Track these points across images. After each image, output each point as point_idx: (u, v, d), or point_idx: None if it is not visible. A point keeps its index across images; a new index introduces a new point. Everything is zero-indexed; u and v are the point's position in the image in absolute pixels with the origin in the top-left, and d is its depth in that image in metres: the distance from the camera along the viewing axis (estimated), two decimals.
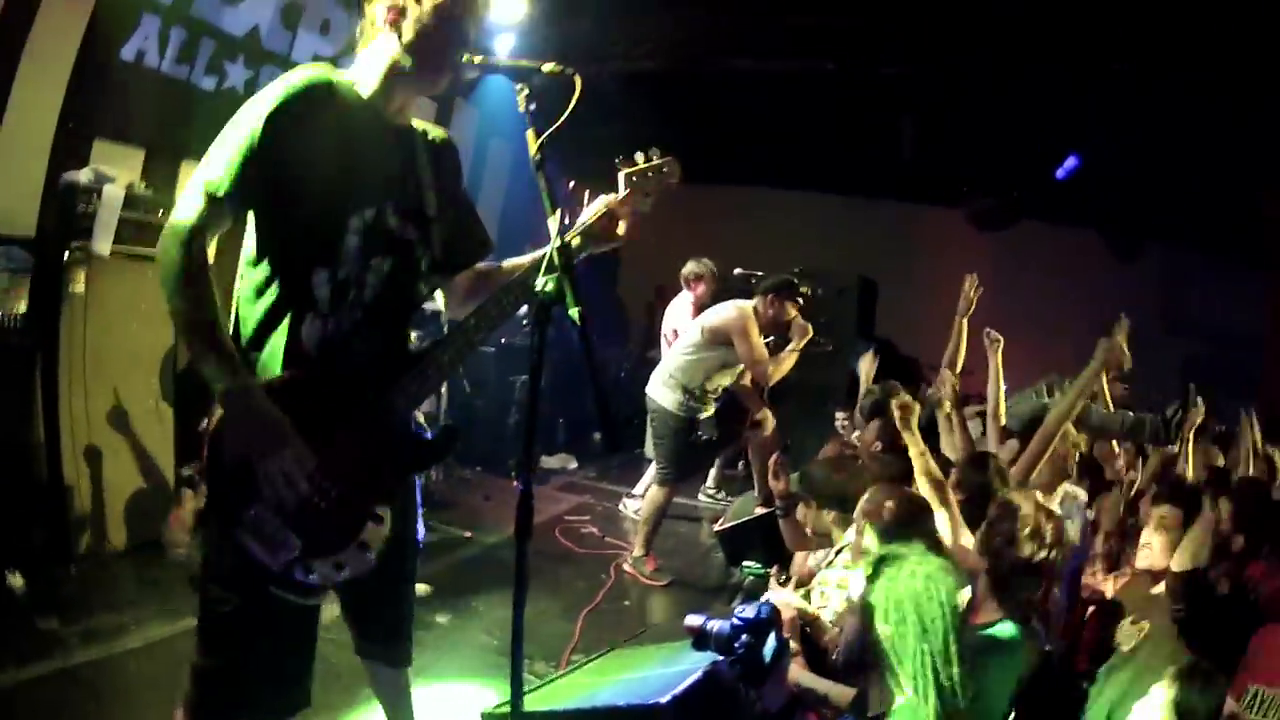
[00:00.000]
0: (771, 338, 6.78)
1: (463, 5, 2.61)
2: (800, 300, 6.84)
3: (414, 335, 2.90)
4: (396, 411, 2.56)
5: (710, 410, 6.91)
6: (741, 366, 6.82)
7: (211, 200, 2.36)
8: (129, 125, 6.40)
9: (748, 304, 6.74)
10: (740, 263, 9.71)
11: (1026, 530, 3.34)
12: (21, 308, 5.12)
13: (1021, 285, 12.06)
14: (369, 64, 2.63)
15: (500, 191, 11.22)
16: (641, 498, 7.98)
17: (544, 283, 2.19)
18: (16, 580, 4.74)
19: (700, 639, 2.90)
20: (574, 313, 2.20)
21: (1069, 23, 8.38)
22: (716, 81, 10.28)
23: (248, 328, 2.51)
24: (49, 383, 5.24)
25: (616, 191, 2.70)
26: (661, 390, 6.73)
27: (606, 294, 12.71)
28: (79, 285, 5.27)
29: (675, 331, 8.33)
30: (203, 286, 2.34)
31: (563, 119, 2.40)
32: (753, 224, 11.85)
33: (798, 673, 3.81)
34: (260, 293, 2.49)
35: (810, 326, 6.78)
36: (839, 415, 8.61)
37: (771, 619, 2.81)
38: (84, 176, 5.47)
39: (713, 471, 9.09)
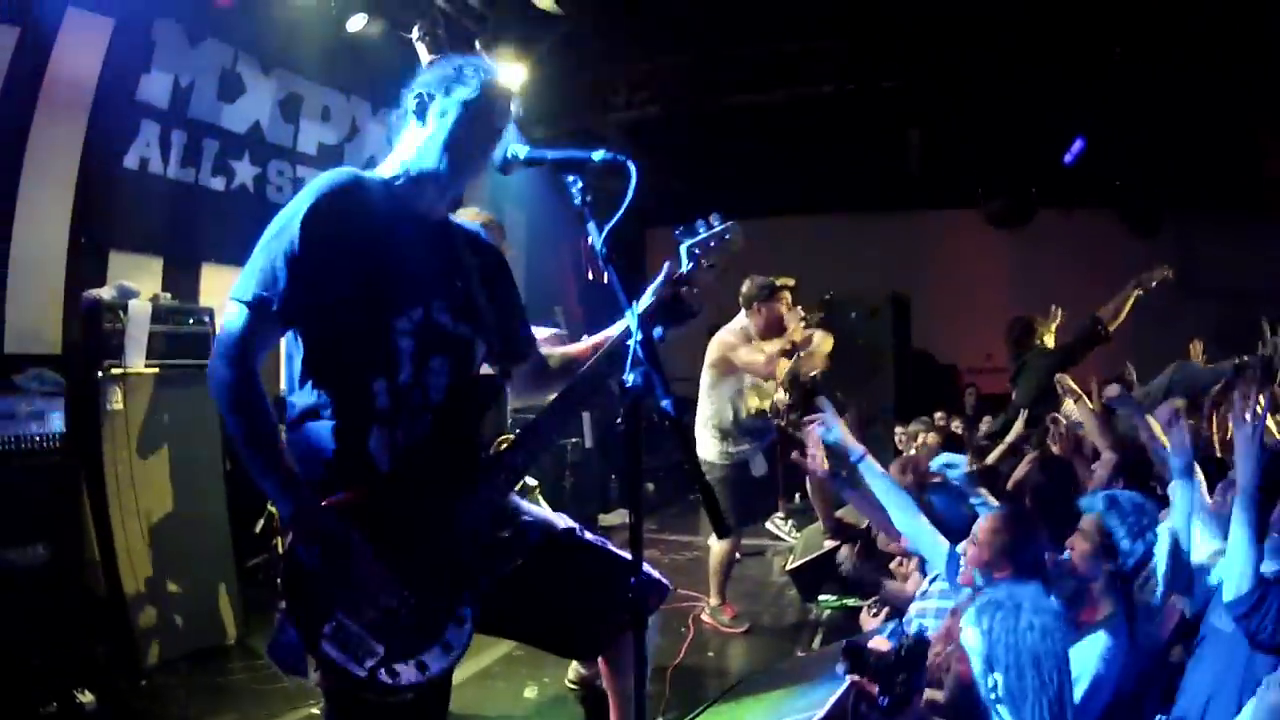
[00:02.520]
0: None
1: (490, 100, 2.53)
2: (785, 292, 6.53)
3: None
4: (471, 518, 2.47)
5: (753, 447, 6.62)
6: (767, 381, 6.51)
7: (255, 313, 2.28)
8: (143, 234, 6.38)
9: (731, 326, 6.58)
10: None
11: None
12: (57, 427, 5.02)
13: (1043, 273, 12.03)
14: (398, 158, 2.55)
15: (520, 255, 11.10)
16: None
17: (631, 377, 2.13)
18: (86, 697, 4.60)
19: (857, 665, 2.81)
20: (665, 404, 2.13)
21: (1061, 13, 8.39)
22: (721, 118, 10.26)
23: (309, 443, 2.41)
24: (97, 500, 5.14)
25: (676, 262, 2.58)
26: (700, 446, 6.46)
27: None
28: (117, 403, 5.16)
29: None
30: (257, 405, 2.27)
31: (623, 208, 2.28)
32: (776, 255, 11.75)
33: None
34: (318, 407, 2.40)
35: (799, 314, 6.50)
36: (898, 430, 8.53)
37: (922, 652, 2.73)
38: (107, 293, 5.39)
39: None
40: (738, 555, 6.86)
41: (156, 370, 5.38)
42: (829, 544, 7.05)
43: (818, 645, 5.94)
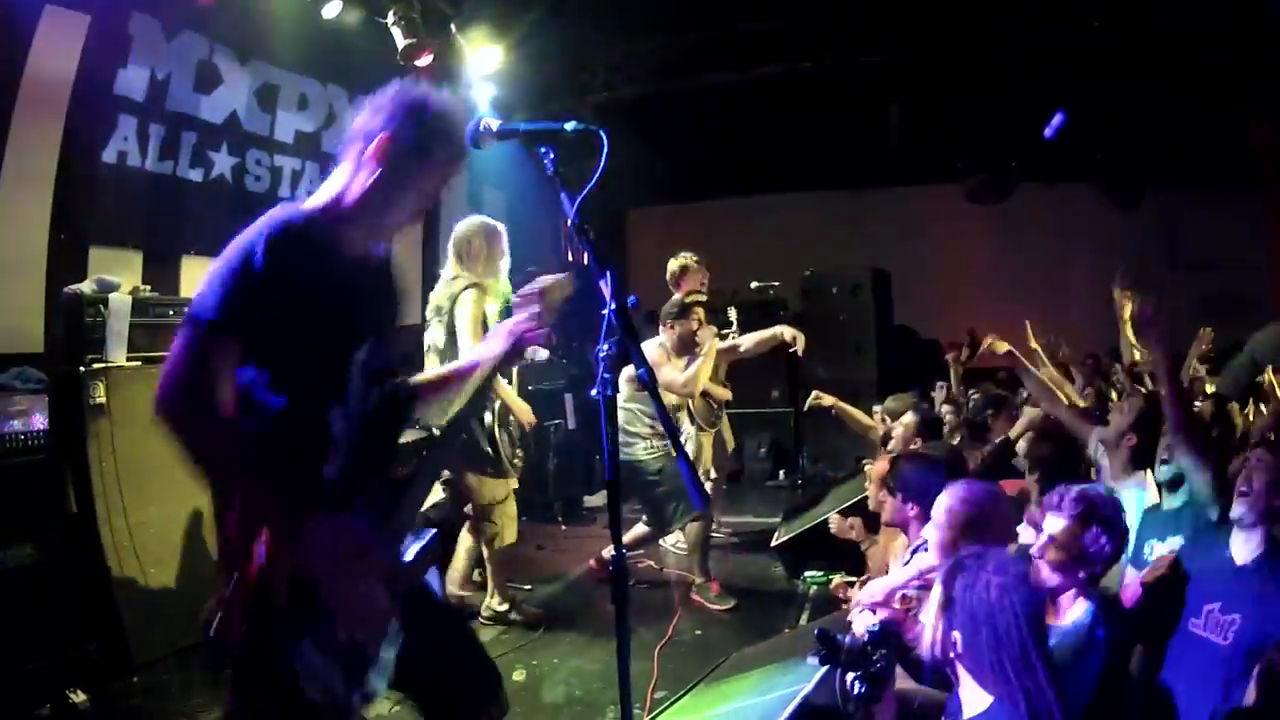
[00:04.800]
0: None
1: (438, 138, 2.49)
2: (697, 310, 6.67)
3: None
4: (395, 535, 2.54)
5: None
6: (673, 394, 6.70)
7: (208, 330, 2.21)
8: (122, 228, 6.35)
9: (649, 343, 6.56)
10: (753, 274, 9.65)
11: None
12: (41, 424, 5.02)
13: (1027, 249, 12.07)
14: (340, 192, 2.50)
15: None
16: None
17: (607, 347, 2.18)
18: (79, 697, 4.63)
19: (830, 653, 2.83)
20: (640, 373, 2.23)
21: None
22: (699, 97, 10.23)
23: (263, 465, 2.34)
24: (83, 497, 5.15)
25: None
26: (626, 450, 6.38)
27: None
28: (100, 397, 5.18)
29: None
30: (223, 429, 2.23)
31: (595, 178, 2.32)
32: (758, 233, 11.85)
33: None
34: (275, 428, 2.35)
35: (712, 330, 6.70)
36: (875, 410, 8.55)
37: (894, 632, 2.76)
38: (87, 287, 5.40)
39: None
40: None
41: (139, 364, 5.38)
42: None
43: (804, 621, 5.97)
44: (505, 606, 6.05)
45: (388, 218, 2.54)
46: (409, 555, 2.57)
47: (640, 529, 6.67)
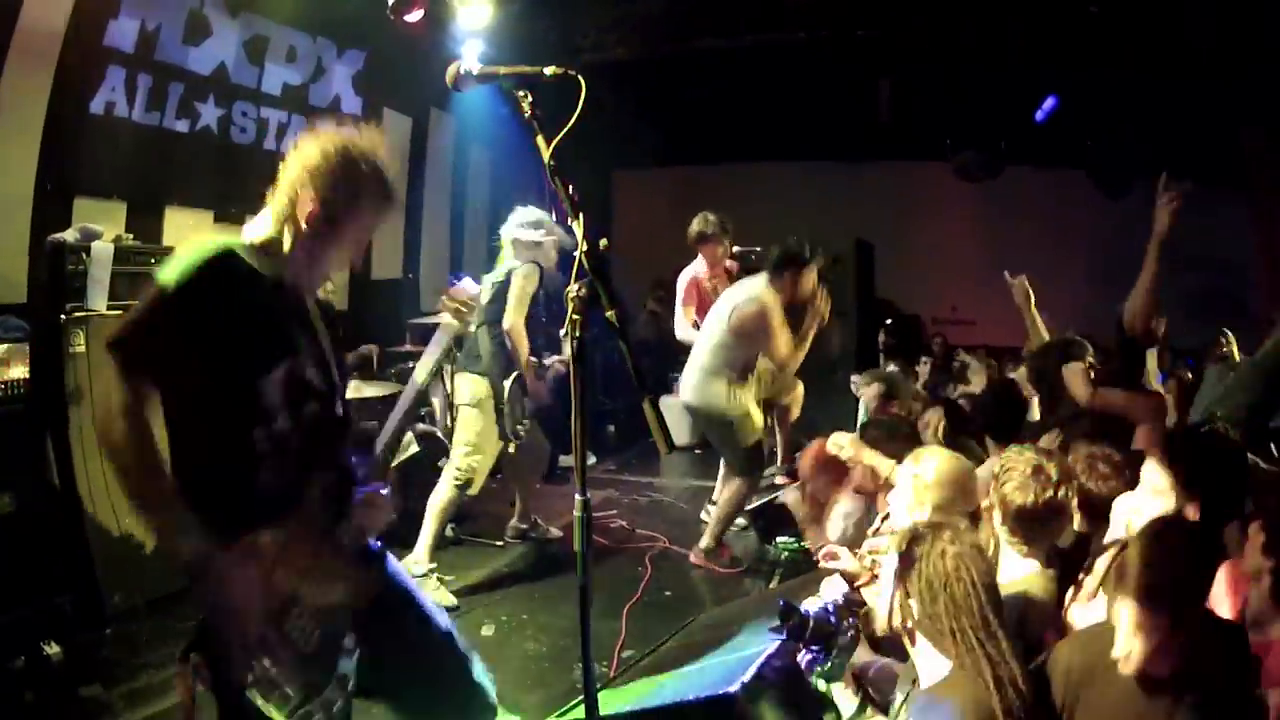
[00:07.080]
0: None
1: (370, 205, 2.62)
2: (814, 266, 6.42)
3: None
4: (347, 543, 2.60)
5: (755, 394, 6.64)
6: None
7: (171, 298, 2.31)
8: (107, 179, 6.39)
9: (767, 293, 6.32)
10: (736, 240, 9.65)
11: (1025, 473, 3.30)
12: (22, 374, 5.04)
13: (1012, 231, 12.09)
14: (270, 240, 2.59)
15: (484, 196, 11.21)
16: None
17: (577, 287, 2.18)
18: (52, 649, 4.62)
19: (796, 628, 2.88)
20: (609, 315, 2.21)
21: None
22: (690, 63, 10.20)
23: (197, 485, 2.39)
24: (61, 447, 5.15)
25: None
26: (706, 392, 6.38)
27: None
28: (80, 346, 5.17)
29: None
30: (151, 457, 2.29)
31: (572, 122, 2.33)
32: (742, 201, 11.79)
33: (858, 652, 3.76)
34: (201, 452, 2.41)
35: (824, 306, 6.42)
36: (855, 380, 8.62)
37: (857, 603, 2.82)
38: (70, 236, 5.38)
39: None
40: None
41: (120, 313, 5.34)
42: (781, 480, 7.23)
43: (774, 585, 6.04)
44: (425, 570, 5.77)
45: (315, 273, 2.66)
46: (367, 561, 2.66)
47: (735, 484, 6.57)
